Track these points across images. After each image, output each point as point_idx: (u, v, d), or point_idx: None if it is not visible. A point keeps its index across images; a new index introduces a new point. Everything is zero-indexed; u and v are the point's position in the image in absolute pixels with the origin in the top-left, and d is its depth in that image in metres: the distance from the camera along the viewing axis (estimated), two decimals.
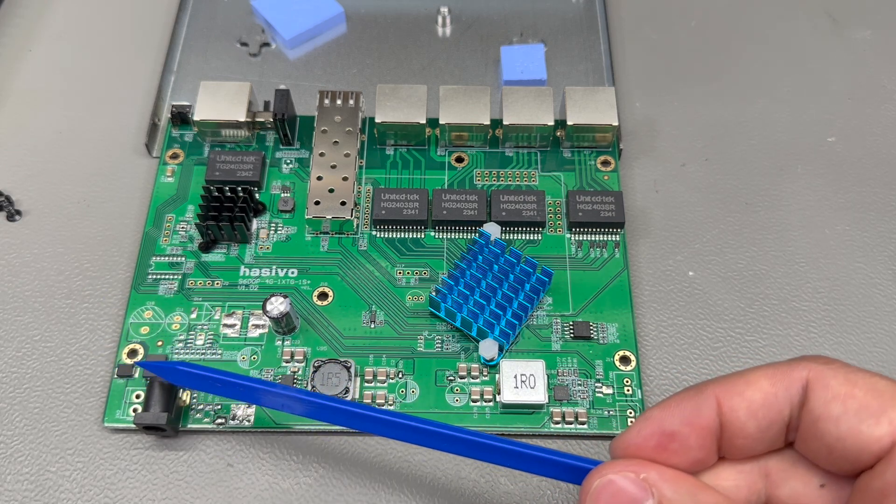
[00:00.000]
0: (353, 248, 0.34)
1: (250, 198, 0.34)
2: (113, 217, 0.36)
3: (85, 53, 0.41)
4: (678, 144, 0.38)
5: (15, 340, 0.32)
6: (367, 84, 0.40)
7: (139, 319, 0.33)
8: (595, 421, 0.30)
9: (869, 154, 0.38)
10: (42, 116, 0.39)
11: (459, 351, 0.32)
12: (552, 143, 0.37)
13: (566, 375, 0.31)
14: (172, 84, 0.40)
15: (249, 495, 0.29)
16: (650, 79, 0.40)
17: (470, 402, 0.31)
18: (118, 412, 0.30)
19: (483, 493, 0.30)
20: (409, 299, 0.33)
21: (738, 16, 0.43)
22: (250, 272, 0.34)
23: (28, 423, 0.31)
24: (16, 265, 0.34)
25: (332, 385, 0.30)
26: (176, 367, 0.27)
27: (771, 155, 0.38)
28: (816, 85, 0.40)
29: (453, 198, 0.35)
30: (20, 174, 0.37)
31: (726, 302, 0.34)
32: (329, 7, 0.42)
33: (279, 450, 0.30)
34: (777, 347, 0.33)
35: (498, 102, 0.37)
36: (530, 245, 0.35)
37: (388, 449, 0.30)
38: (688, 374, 0.32)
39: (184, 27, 0.42)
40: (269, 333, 0.32)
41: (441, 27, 0.42)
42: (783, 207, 0.36)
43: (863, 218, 0.36)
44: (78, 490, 0.29)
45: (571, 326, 0.32)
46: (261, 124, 0.37)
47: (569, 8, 0.43)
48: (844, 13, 0.43)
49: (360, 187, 0.36)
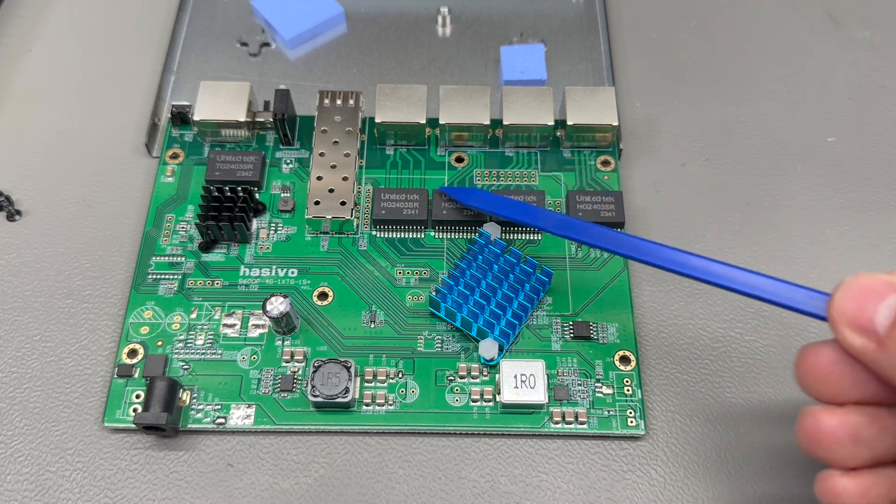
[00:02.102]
0: (353, 248, 0.34)
1: (250, 198, 0.34)
2: (113, 217, 0.36)
3: (85, 53, 0.41)
4: (678, 144, 0.38)
5: (15, 340, 0.32)
6: (367, 84, 0.40)
7: (139, 319, 0.33)
8: (595, 421, 0.30)
9: (869, 154, 0.38)
10: (42, 116, 0.39)
11: (459, 351, 0.32)
12: (552, 143, 0.37)
13: (566, 375, 0.31)
14: (172, 84, 0.40)
15: (249, 495, 0.29)
16: (650, 79, 0.40)
17: (470, 401, 0.31)
18: (118, 412, 0.30)
19: (483, 493, 0.30)
20: (409, 299, 0.33)
21: (738, 16, 0.43)
22: (250, 272, 0.34)
23: (28, 423, 0.31)
24: (16, 265, 0.34)
25: (332, 385, 0.30)
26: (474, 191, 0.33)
27: (771, 155, 0.38)
28: (816, 85, 0.40)
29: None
30: (20, 174, 0.37)
31: (726, 302, 0.34)
32: (329, 7, 0.42)
33: (279, 450, 0.30)
34: (777, 348, 0.33)
35: (498, 102, 0.37)
36: (530, 245, 0.35)
37: (388, 449, 0.30)
38: (688, 374, 0.32)
39: (184, 27, 0.42)
40: (269, 333, 0.32)
41: (441, 27, 0.42)
42: (783, 207, 0.36)
43: (863, 218, 0.36)
44: (78, 490, 0.29)
45: (571, 326, 0.32)
46: (261, 124, 0.37)
47: (569, 8, 0.43)
48: (844, 13, 0.43)
49: (360, 187, 0.36)
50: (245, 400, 0.31)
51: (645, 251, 0.28)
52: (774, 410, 0.31)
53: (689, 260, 0.27)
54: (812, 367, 0.25)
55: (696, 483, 0.30)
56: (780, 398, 0.31)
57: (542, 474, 0.30)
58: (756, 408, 0.31)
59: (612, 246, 0.29)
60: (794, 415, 0.31)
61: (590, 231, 0.29)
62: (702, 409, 0.31)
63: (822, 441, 0.24)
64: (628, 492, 0.30)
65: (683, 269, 0.27)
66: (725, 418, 0.31)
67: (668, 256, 0.28)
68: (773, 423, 0.31)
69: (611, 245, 0.29)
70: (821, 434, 0.24)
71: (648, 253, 0.28)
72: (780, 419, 0.31)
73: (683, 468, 0.30)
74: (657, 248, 0.28)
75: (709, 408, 0.31)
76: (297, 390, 0.31)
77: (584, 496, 0.29)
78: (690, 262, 0.27)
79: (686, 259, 0.27)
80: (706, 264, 0.27)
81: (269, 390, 0.31)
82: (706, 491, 0.30)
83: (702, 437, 0.31)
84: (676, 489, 0.30)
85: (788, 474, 0.30)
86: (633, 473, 0.30)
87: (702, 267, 0.27)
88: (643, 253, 0.28)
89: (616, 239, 0.29)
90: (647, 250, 0.28)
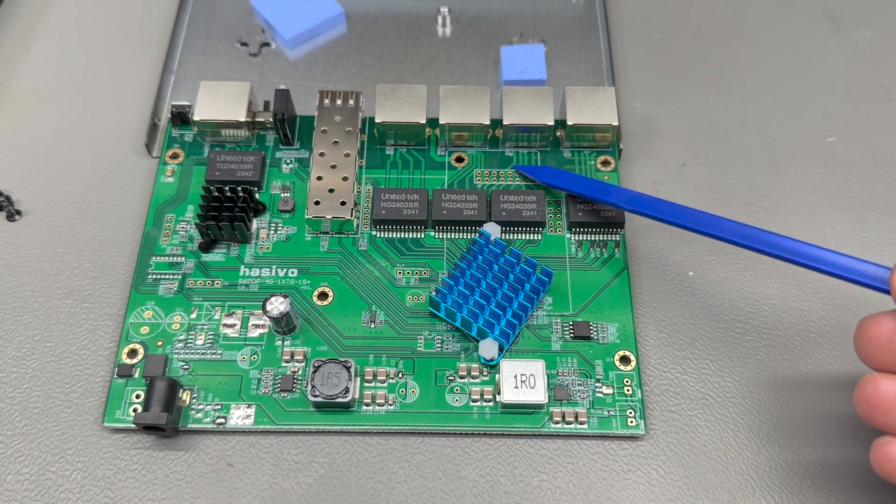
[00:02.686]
0: (353, 248, 0.34)
1: (250, 198, 0.34)
2: (113, 217, 0.36)
3: (85, 53, 0.41)
4: (678, 144, 0.38)
5: (15, 340, 0.32)
6: (367, 84, 0.40)
7: (139, 319, 0.33)
8: (595, 421, 0.30)
9: (869, 154, 0.38)
10: (42, 116, 0.39)
11: (459, 351, 0.32)
12: (552, 143, 0.37)
13: (566, 375, 0.31)
14: (172, 84, 0.40)
15: (249, 495, 0.29)
16: (650, 79, 0.40)
17: (470, 401, 0.31)
18: (118, 412, 0.30)
19: (483, 493, 0.30)
20: (409, 299, 0.33)
21: (738, 16, 0.43)
22: (250, 272, 0.34)
23: (28, 423, 0.31)
24: (16, 265, 0.34)
25: (332, 385, 0.30)
26: (547, 169, 0.35)
27: (771, 155, 0.38)
28: (816, 85, 0.40)
29: (453, 198, 0.35)
30: (20, 174, 0.37)
31: (726, 302, 0.34)
32: (329, 7, 0.42)
33: (279, 450, 0.30)
34: (777, 348, 0.33)
35: (498, 102, 0.37)
36: (530, 245, 0.35)
37: (388, 449, 0.30)
38: (688, 374, 0.32)
39: (184, 27, 0.42)
40: (269, 333, 0.32)
41: (441, 27, 0.42)
42: (783, 207, 0.36)
43: (863, 218, 0.36)
44: (78, 490, 0.29)
45: (571, 326, 0.32)
46: (261, 124, 0.37)
47: (569, 8, 0.43)
48: (844, 13, 0.43)
49: (360, 187, 0.36)
50: (245, 400, 0.31)
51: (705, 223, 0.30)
52: (775, 410, 0.31)
53: (744, 230, 0.29)
54: (874, 336, 0.26)
55: (696, 483, 0.30)
56: (781, 398, 0.31)
57: (542, 474, 0.30)
58: (757, 408, 0.31)
59: (678, 219, 0.31)
60: (794, 415, 0.31)
61: (659, 206, 0.31)
62: (702, 409, 0.31)
63: (881, 406, 0.25)
64: (628, 492, 0.30)
65: (737, 237, 0.29)
66: (725, 418, 0.31)
67: (726, 227, 0.30)
68: (774, 423, 0.31)
69: (677, 219, 0.31)
70: (879, 399, 0.25)
71: (705, 224, 0.30)
72: (781, 419, 0.31)
73: (683, 468, 0.30)
74: (718, 220, 0.30)
75: (709, 408, 0.31)
76: (297, 390, 0.31)
77: (583, 496, 0.29)
78: (745, 231, 0.29)
79: (741, 229, 0.29)
80: (764, 235, 0.29)
81: (269, 390, 0.31)
82: (706, 491, 0.30)
83: (702, 437, 0.31)
84: (676, 489, 0.30)
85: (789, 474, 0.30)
86: (633, 473, 0.30)
87: (760, 237, 0.29)
88: (703, 224, 0.30)
89: (681, 212, 0.31)
90: (708, 222, 0.30)
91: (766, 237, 0.29)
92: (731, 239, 0.29)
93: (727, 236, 0.30)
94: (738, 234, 0.29)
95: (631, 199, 0.32)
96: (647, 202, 0.32)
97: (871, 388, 0.26)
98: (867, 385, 0.26)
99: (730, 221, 0.30)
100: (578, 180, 0.34)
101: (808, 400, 0.31)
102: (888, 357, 0.26)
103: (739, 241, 0.29)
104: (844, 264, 0.28)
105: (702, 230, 0.30)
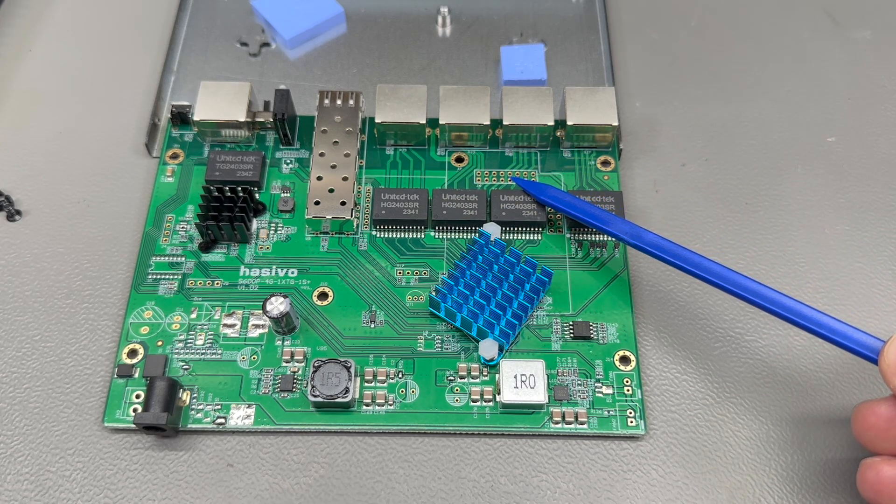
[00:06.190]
0: (353, 248, 0.34)
1: (250, 198, 0.34)
2: (113, 217, 0.36)
3: (85, 53, 0.41)
4: (678, 144, 0.38)
5: (15, 340, 0.32)
6: (367, 84, 0.40)
7: (139, 319, 0.33)
8: (595, 421, 0.30)
9: (869, 154, 0.38)
10: (42, 116, 0.39)
11: (459, 351, 0.32)
12: (552, 143, 0.37)
13: (566, 375, 0.31)
14: (172, 84, 0.40)
15: (249, 495, 0.29)
16: (650, 79, 0.40)
17: (470, 401, 0.31)
18: (118, 412, 0.30)
19: (483, 493, 0.30)
20: (409, 299, 0.33)
21: (738, 16, 0.43)
22: (250, 272, 0.34)
23: (28, 423, 0.31)
24: (16, 265, 0.34)
25: (332, 385, 0.30)
26: (548, 188, 0.34)
27: (771, 155, 0.38)
28: (816, 85, 0.40)
29: (453, 198, 0.35)
30: (20, 174, 0.37)
31: (726, 302, 0.34)
32: (329, 7, 0.42)
33: (279, 450, 0.30)
34: (777, 348, 0.33)
35: (498, 102, 0.37)
36: (530, 245, 0.35)
37: (388, 449, 0.30)
38: (688, 374, 0.32)
39: (184, 27, 0.42)
40: (269, 333, 0.32)
41: (441, 27, 0.42)
42: (783, 207, 0.36)
43: (863, 218, 0.36)
44: (78, 490, 0.29)
45: (571, 326, 0.32)
46: (261, 124, 0.37)
47: (569, 8, 0.43)
48: (844, 13, 0.43)
49: (360, 187, 0.36)
50: (245, 400, 0.31)
51: (713, 273, 0.30)
52: (774, 411, 0.31)
53: (746, 283, 0.29)
54: (871, 425, 0.27)
55: (696, 483, 0.30)
56: (781, 398, 0.31)
57: (542, 474, 0.30)
58: (756, 408, 0.31)
59: (680, 262, 0.30)
60: (794, 415, 0.31)
61: (661, 245, 0.31)
62: (702, 409, 0.31)
63: (885, 491, 0.26)
64: (628, 492, 0.30)
65: (735, 288, 0.29)
66: (725, 418, 0.31)
67: (733, 280, 0.29)
68: (774, 423, 0.31)
69: (679, 261, 0.30)
70: (882, 485, 0.26)
71: (716, 274, 0.30)
72: (781, 419, 0.31)
73: (683, 468, 0.30)
74: (726, 272, 0.30)
75: (709, 408, 0.31)
76: (297, 390, 0.31)
77: (583, 496, 0.29)
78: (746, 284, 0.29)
79: (744, 281, 0.29)
80: (765, 291, 0.29)
81: (269, 390, 0.31)
82: (706, 491, 0.30)
83: (702, 437, 0.31)
84: (676, 489, 0.30)
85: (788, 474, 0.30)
86: (633, 473, 0.30)
87: (761, 293, 0.29)
88: (709, 272, 0.30)
89: (683, 256, 0.30)
90: (716, 273, 0.30)
91: (768, 293, 0.29)
92: (728, 288, 0.29)
93: (726, 286, 0.29)
94: (739, 286, 0.29)
95: (633, 234, 0.31)
96: (648, 240, 0.31)
97: (873, 474, 0.26)
98: (869, 471, 0.27)
99: (731, 272, 0.29)
100: (579, 205, 0.33)
101: (808, 400, 0.31)
102: (887, 444, 0.27)
103: (738, 293, 0.29)
104: (841, 330, 0.28)
105: (702, 276, 0.30)
